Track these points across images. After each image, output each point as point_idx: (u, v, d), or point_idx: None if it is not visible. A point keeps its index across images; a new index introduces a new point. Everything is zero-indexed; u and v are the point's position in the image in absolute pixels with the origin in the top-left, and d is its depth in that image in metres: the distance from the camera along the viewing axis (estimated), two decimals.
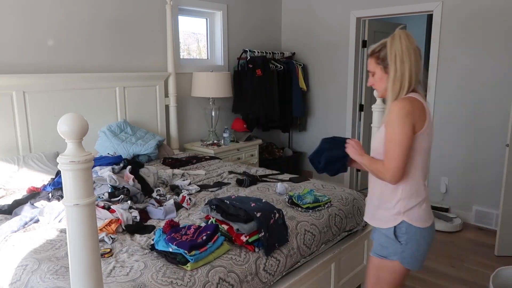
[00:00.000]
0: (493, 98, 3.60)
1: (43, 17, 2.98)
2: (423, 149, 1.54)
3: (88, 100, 3.23)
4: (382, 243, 1.63)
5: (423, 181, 1.58)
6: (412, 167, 1.54)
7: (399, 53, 1.50)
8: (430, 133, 1.55)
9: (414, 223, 1.55)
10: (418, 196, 1.56)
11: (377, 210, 1.65)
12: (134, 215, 2.06)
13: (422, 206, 1.57)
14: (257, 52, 4.50)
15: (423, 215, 1.56)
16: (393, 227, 1.58)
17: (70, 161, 1.01)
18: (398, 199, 1.56)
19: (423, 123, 1.50)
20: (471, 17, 3.64)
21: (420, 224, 1.56)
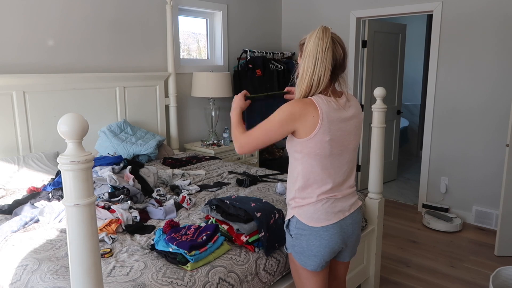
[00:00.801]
0: (493, 98, 3.61)
1: (43, 17, 2.98)
2: (314, 155, 1.48)
3: (88, 100, 3.23)
4: (286, 235, 1.66)
5: (321, 183, 1.52)
6: (303, 169, 1.52)
7: (310, 50, 1.47)
8: (322, 142, 1.46)
9: (302, 219, 1.54)
10: (310, 197, 1.53)
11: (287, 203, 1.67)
12: (134, 215, 2.06)
13: (317, 206, 1.53)
14: (257, 52, 4.50)
15: (313, 214, 1.53)
16: (288, 219, 1.62)
17: (70, 161, 1.01)
18: (293, 196, 1.58)
19: (312, 130, 1.44)
20: (471, 17, 3.64)
21: (308, 221, 1.53)
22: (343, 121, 1.52)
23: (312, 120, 1.45)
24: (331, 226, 1.54)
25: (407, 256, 3.21)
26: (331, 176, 1.54)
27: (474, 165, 3.79)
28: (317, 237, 1.54)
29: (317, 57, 1.46)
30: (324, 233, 1.54)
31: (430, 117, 4.01)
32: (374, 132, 2.52)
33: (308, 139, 1.47)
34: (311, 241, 1.55)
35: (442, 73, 3.89)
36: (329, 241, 1.54)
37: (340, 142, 1.52)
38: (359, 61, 4.54)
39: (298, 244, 1.57)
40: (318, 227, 1.54)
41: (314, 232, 1.54)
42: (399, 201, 4.47)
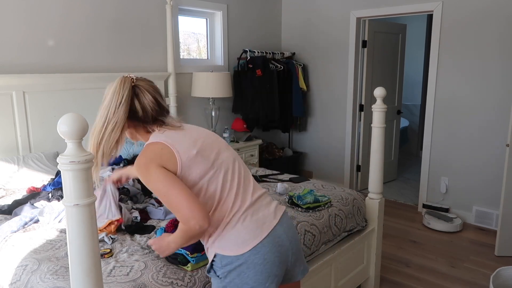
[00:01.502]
0: (493, 98, 3.61)
1: (43, 17, 2.97)
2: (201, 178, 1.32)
3: (88, 100, 3.23)
4: (211, 281, 1.41)
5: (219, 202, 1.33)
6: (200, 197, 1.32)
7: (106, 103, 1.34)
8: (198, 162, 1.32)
9: (226, 252, 1.30)
10: (219, 221, 1.32)
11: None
12: (135, 215, 2.06)
13: (234, 228, 1.31)
14: (257, 52, 4.50)
15: (235, 239, 1.30)
16: (210, 263, 1.36)
17: (70, 161, 1.01)
18: (209, 232, 1.34)
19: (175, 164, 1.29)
20: (471, 17, 3.64)
21: (234, 251, 1.29)
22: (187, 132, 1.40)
23: (168, 154, 1.30)
24: (261, 244, 1.30)
25: (407, 256, 3.21)
26: (229, 186, 1.34)
27: (474, 165, 3.79)
28: (250, 264, 1.29)
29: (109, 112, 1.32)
30: (256, 256, 1.29)
31: (430, 117, 4.01)
32: (374, 132, 2.52)
33: (179, 171, 1.29)
34: (244, 273, 1.30)
35: (442, 73, 3.88)
36: (265, 264, 1.30)
37: (208, 147, 1.37)
38: (359, 61, 4.54)
39: (230, 282, 1.31)
40: (247, 252, 1.29)
41: (244, 259, 1.29)
42: (399, 201, 4.47)
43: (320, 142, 4.96)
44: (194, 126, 1.49)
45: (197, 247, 1.61)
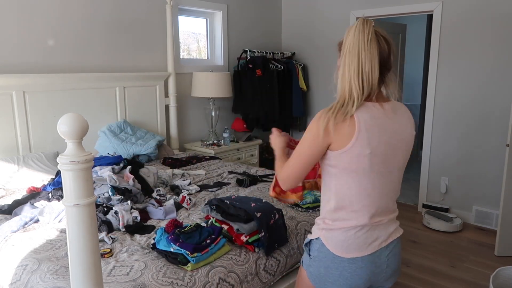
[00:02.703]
0: (493, 98, 3.60)
1: (43, 17, 2.97)
2: (350, 171, 1.25)
3: (88, 100, 3.23)
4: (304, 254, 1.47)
5: (359, 208, 1.28)
6: (336, 188, 1.29)
7: (350, 45, 1.22)
8: (360, 156, 1.22)
9: (328, 245, 1.31)
10: (343, 221, 1.30)
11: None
12: (135, 215, 2.06)
13: (347, 233, 1.29)
14: (257, 52, 4.50)
15: (343, 242, 1.29)
16: (310, 239, 1.40)
17: (70, 161, 1.01)
18: (324, 216, 1.36)
19: (348, 141, 1.21)
20: (471, 17, 3.64)
21: (334, 249, 1.30)
22: (388, 132, 1.25)
23: (347, 129, 1.21)
24: (360, 258, 1.29)
25: (407, 256, 3.20)
26: (370, 200, 1.28)
27: (474, 165, 3.79)
28: (339, 268, 1.30)
29: (359, 52, 1.20)
30: (349, 265, 1.30)
31: (430, 117, 4.01)
32: None
33: (343, 152, 1.22)
34: (330, 269, 1.32)
35: (442, 73, 3.88)
36: (352, 275, 1.30)
37: (383, 157, 1.25)
38: None
39: (316, 266, 1.36)
40: (345, 258, 1.30)
41: (338, 262, 1.30)
42: (399, 201, 4.48)
43: None
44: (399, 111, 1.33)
45: (197, 247, 1.61)
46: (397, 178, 1.34)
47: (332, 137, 1.22)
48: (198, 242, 1.65)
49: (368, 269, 1.31)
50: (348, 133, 1.21)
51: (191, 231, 1.70)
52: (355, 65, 1.21)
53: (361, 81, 1.21)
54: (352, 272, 1.30)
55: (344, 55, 1.23)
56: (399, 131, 1.29)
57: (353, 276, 1.30)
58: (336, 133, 1.22)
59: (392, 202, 1.36)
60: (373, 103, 1.26)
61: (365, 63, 1.20)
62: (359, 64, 1.21)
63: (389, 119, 1.26)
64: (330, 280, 1.33)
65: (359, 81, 1.21)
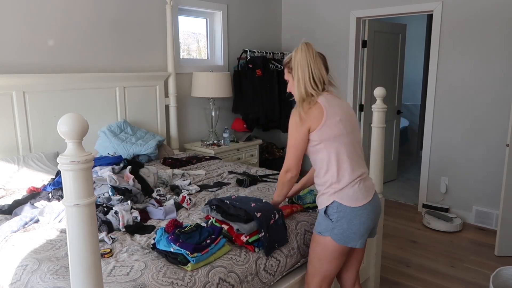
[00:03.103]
0: (493, 98, 3.61)
1: (43, 17, 2.98)
2: (333, 137, 1.72)
3: (88, 100, 3.23)
4: (319, 221, 1.82)
5: (350, 166, 1.73)
6: (330, 156, 1.73)
7: (299, 62, 1.74)
8: (335, 123, 1.72)
9: (344, 202, 1.72)
10: (345, 179, 1.72)
11: (319, 196, 1.83)
12: (135, 215, 2.06)
13: (354, 187, 1.72)
14: (257, 52, 4.50)
15: (353, 196, 1.72)
16: (325, 206, 1.76)
17: (70, 161, 1.01)
18: (330, 184, 1.74)
19: (320, 120, 1.71)
20: (471, 17, 3.64)
21: (350, 203, 1.71)
22: (343, 108, 1.79)
23: (317, 112, 1.71)
24: (368, 204, 1.74)
25: (407, 256, 3.21)
26: (356, 156, 1.77)
27: (474, 165, 3.79)
28: (357, 216, 1.72)
29: (308, 64, 1.74)
30: (363, 211, 1.73)
31: (430, 117, 4.01)
32: (374, 132, 2.52)
33: (322, 126, 1.71)
34: (352, 221, 1.72)
35: (442, 73, 3.88)
36: (367, 218, 1.74)
37: (348, 121, 1.77)
38: (359, 61, 4.54)
39: (339, 226, 1.73)
40: (358, 207, 1.72)
41: (355, 212, 1.72)
42: (399, 201, 4.47)
43: None
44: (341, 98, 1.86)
45: (197, 247, 1.61)
46: (359, 139, 1.84)
47: (308, 122, 1.72)
48: (198, 242, 1.65)
49: (374, 211, 1.77)
50: (318, 113, 1.71)
51: (191, 231, 1.70)
52: (306, 74, 1.74)
53: (314, 82, 1.75)
54: (366, 216, 1.74)
55: (296, 68, 1.75)
56: (347, 108, 1.83)
57: (367, 220, 1.74)
58: (309, 118, 1.71)
59: (363, 158, 1.83)
60: (327, 93, 1.79)
61: (315, 70, 1.75)
62: (309, 72, 1.74)
63: (340, 100, 1.81)
64: (353, 230, 1.72)
65: (312, 83, 1.75)
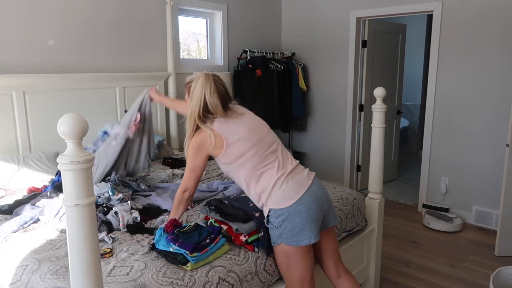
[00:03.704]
0: (493, 97, 3.61)
1: (43, 17, 2.98)
2: (240, 155, 1.77)
3: (88, 100, 3.23)
4: (270, 232, 1.79)
5: (268, 172, 1.77)
6: (245, 172, 1.78)
7: (197, 94, 1.81)
8: (236, 143, 1.78)
9: (278, 205, 1.73)
10: (268, 185, 1.76)
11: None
12: (135, 216, 2.06)
13: (282, 187, 1.74)
14: (257, 52, 4.51)
15: (283, 196, 1.73)
16: (266, 217, 1.77)
17: (70, 161, 1.01)
18: (258, 195, 1.78)
19: (222, 146, 1.78)
20: (471, 17, 3.64)
21: (284, 204, 1.73)
22: (241, 121, 1.84)
23: (217, 140, 1.78)
24: (303, 197, 1.74)
25: (407, 256, 3.21)
26: (273, 158, 1.80)
27: (474, 165, 3.79)
28: (296, 213, 1.72)
29: (205, 96, 1.80)
30: (300, 206, 1.72)
31: (430, 117, 4.01)
32: (374, 132, 2.52)
33: (224, 151, 1.78)
34: (293, 220, 1.72)
35: (442, 73, 3.88)
36: (307, 211, 1.73)
37: (251, 133, 1.81)
38: (359, 61, 4.54)
39: (284, 229, 1.72)
40: (293, 204, 1.72)
41: (292, 210, 1.72)
42: (399, 201, 4.48)
43: (320, 142, 4.96)
44: (246, 113, 1.91)
45: (197, 247, 1.61)
46: (272, 140, 1.86)
47: (209, 150, 1.81)
48: (197, 241, 1.65)
49: (313, 200, 1.76)
50: (219, 141, 1.78)
51: (190, 231, 1.70)
52: (201, 104, 1.79)
53: (207, 111, 1.81)
54: (306, 209, 1.73)
55: (193, 99, 1.82)
56: (247, 119, 1.87)
57: (308, 212, 1.73)
58: (211, 146, 1.79)
59: (289, 157, 1.87)
60: (221, 118, 1.82)
61: (212, 100, 1.80)
62: (205, 102, 1.80)
63: (239, 117, 1.85)
64: (299, 228, 1.72)
65: (205, 112, 1.81)
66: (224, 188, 2.55)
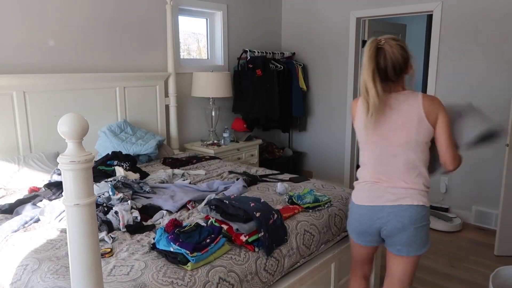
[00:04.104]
0: (493, 97, 3.61)
1: (44, 17, 2.98)
2: (361, 142, 1.82)
3: (89, 100, 3.24)
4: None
5: (364, 168, 1.81)
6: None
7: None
8: (360, 129, 1.78)
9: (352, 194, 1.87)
10: (360, 177, 1.84)
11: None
12: (135, 215, 2.06)
13: (357, 186, 1.84)
14: (257, 52, 4.51)
15: (354, 193, 1.84)
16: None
17: (70, 161, 1.01)
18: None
19: (354, 119, 1.83)
20: (471, 17, 3.64)
21: (353, 198, 1.85)
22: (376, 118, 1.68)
23: (353, 113, 1.83)
24: (364, 206, 1.76)
25: None
26: (374, 162, 1.76)
27: (474, 165, 3.79)
28: (353, 210, 1.83)
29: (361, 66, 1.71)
30: (357, 208, 1.80)
31: None
32: None
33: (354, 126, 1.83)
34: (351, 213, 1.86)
35: (442, 73, 3.89)
36: (358, 219, 1.79)
37: (376, 132, 1.72)
38: (359, 61, 4.54)
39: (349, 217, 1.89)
40: (357, 204, 1.80)
41: (354, 207, 1.82)
42: None
43: (320, 142, 4.96)
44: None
45: (197, 247, 1.62)
46: (400, 152, 1.70)
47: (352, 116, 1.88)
48: (197, 241, 1.65)
49: (369, 217, 1.75)
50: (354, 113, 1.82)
51: (190, 231, 1.70)
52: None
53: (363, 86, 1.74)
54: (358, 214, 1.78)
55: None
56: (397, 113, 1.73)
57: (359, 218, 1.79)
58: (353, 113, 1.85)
59: (402, 173, 1.71)
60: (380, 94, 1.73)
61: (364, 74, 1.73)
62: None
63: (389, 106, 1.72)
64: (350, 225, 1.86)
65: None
66: (224, 188, 2.56)
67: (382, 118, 1.69)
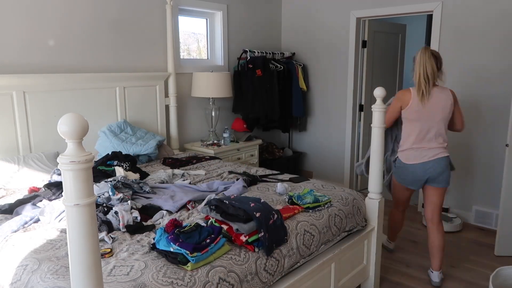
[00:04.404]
0: (493, 97, 3.61)
1: (44, 17, 2.98)
2: (410, 120, 2.66)
3: (89, 100, 3.23)
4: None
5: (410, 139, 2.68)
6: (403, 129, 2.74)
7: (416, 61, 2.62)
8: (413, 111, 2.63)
9: (401, 158, 2.75)
10: (405, 145, 2.72)
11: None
12: (135, 216, 2.06)
13: (408, 152, 2.69)
14: (257, 52, 4.51)
15: (405, 157, 2.71)
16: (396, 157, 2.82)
17: (70, 161, 1.01)
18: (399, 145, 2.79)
19: (406, 104, 2.64)
20: (471, 17, 3.64)
21: (404, 160, 2.71)
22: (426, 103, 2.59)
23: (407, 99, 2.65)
24: (416, 164, 2.66)
25: (407, 256, 3.21)
26: (419, 134, 2.64)
27: (474, 165, 3.79)
28: (408, 167, 2.71)
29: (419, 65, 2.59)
30: (412, 167, 2.68)
31: None
32: (374, 132, 2.52)
33: (405, 109, 2.66)
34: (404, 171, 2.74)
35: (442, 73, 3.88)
36: (413, 173, 2.69)
37: (424, 113, 2.60)
38: (359, 61, 4.54)
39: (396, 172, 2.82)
40: (409, 164, 2.69)
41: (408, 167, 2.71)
42: None
43: (320, 142, 4.96)
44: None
45: (197, 247, 1.61)
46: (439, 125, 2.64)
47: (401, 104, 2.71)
48: (197, 241, 1.65)
49: (421, 170, 2.66)
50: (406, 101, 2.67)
51: (190, 231, 1.70)
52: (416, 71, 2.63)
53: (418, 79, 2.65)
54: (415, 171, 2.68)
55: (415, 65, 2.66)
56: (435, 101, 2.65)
57: (414, 175, 2.70)
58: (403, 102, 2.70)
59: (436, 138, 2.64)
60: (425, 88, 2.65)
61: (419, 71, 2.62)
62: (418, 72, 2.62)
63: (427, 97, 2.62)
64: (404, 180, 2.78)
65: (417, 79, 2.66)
66: (224, 188, 2.56)
67: (429, 103, 2.58)
